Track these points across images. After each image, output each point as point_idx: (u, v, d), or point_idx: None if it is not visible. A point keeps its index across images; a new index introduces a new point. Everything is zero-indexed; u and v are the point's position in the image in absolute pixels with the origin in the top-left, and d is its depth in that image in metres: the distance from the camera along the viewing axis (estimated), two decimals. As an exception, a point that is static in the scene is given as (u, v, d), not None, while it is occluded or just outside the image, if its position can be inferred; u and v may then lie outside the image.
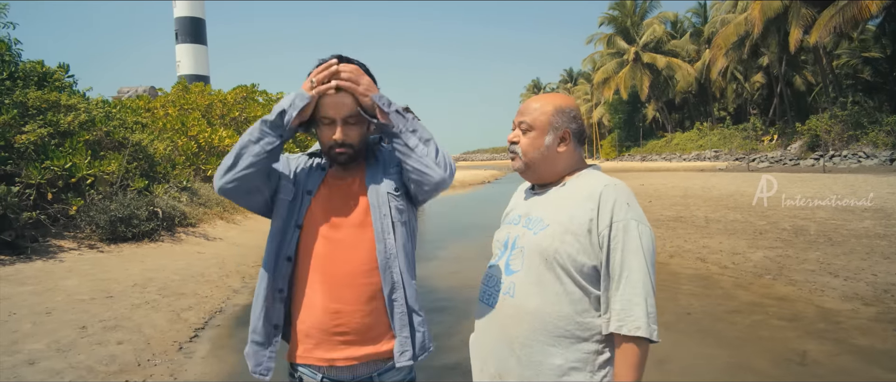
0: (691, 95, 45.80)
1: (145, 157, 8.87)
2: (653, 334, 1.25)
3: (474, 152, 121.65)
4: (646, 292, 1.25)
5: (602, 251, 1.28)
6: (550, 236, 1.32)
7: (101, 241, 6.97)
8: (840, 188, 12.56)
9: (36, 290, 4.85)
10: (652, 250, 1.29)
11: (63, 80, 8.53)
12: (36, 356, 3.46)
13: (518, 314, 1.34)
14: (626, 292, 1.26)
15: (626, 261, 1.26)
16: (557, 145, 1.40)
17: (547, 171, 1.42)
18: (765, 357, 3.63)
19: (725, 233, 8.31)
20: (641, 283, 1.25)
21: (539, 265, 1.33)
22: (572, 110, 1.41)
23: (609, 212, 1.28)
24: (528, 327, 1.32)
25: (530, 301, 1.32)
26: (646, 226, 1.30)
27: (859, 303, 4.65)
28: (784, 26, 27.99)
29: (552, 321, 1.30)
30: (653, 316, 1.25)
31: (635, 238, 1.27)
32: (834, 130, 27.43)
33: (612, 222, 1.28)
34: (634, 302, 1.25)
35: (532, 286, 1.33)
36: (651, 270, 1.28)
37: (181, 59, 31.40)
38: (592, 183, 1.36)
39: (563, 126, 1.40)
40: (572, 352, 1.30)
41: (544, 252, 1.32)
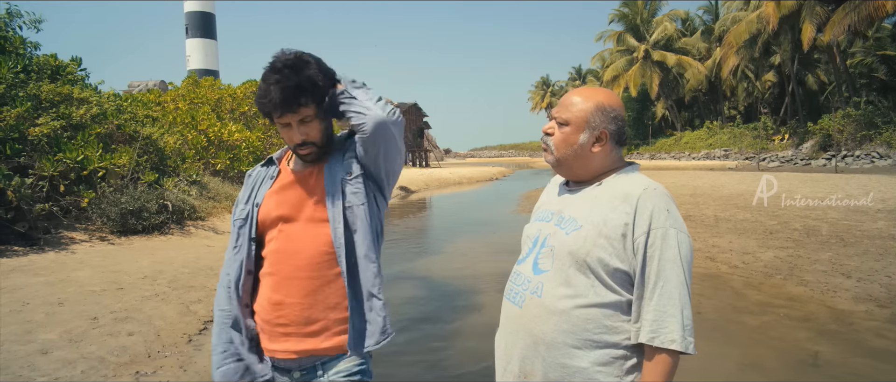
0: (701, 93, 45.41)
1: (156, 150, 8.94)
2: (688, 347, 1.21)
3: (482, 149, 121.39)
4: (682, 303, 1.21)
5: (636, 257, 1.23)
6: (583, 238, 1.28)
7: (111, 233, 7.04)
8: (852, 189, 12.41)
9: (49, 281, 4.91)
10: (690, 259, 1.25)
11: (76, 73, 8.60)
12: (49, 345, 3.50)
13: (544, 314, 1.31)
14: (660, 302, 1.21)
15: (663, 270, 1.21)
16: (592, 145, 1.34)
17: (580, 169, 1.38)
18: (776, 357, 3.60)
19: (735, 232, 8.24)
20: (678, 294, 1.21)
21: (569, 267, 1.29)
22: (613, 110, 1.34)
23: (647, 218, 1.23)
24: (554, 328, 1.29)
25: (558, 302, 1.29)
26: (685, 234, 1.25)
27: (873, 305, 4.59)
28: (797, 24, 27.65)
29: (580, 323, 1.27)
30: (689, 329, 1.21)
31: (674, 247, 1.22)
32: (847, 129, 27.11)
33: (650, 230, 1.23)
34: (669, 313, 1.20)
35: (560, 286, 1.30)
36: (688, 280, 1.23)
37: (191, 53, 31.58)
38: (630, 185, 1.30)
39: (600, 126, 1.33)
40: (599, 355, 1.26)
41: (575, 253, 1.28)
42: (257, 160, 12.16)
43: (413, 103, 42.74)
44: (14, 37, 8.00)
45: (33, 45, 8.42)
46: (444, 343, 4.07)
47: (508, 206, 14.44)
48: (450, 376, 3.48)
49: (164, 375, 3.29)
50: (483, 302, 5.16)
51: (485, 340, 4.27)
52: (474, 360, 3.66)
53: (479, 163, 61.41)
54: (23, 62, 7.61)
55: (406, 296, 5.38)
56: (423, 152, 43.50)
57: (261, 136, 13.29)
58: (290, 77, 1.34)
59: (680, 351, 1.20)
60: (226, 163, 11.46)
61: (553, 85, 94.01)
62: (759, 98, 41.37)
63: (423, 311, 4.88)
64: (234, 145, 11.86)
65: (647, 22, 45.19)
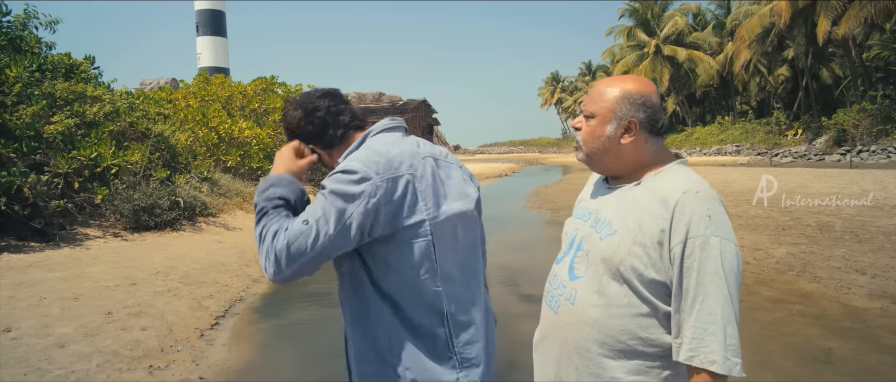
0: (713, 88, 44.92)
1: (167, 147, 9.04)
2: (733, 369, 1.10)
3: (491, 145, 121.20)
4: (725, 320, 1.10)
5: (673, 268, 1.13)
6: (617, 245, 1.19)
7: (125, 229, 7.14)
8: (857, 187, 12.22)
9: (64, 276, 4.99)
10: (736, 271, 1.13)
11: (89, 72, 8.72)
12: (65, 339, 3.56)
13: (578, 322, 1.25)
14: (700, 319, 1.10)
15: (703, 284, 1.10)
16: (621, 137, 1.23)
17: (612, 164, 1.28)
18: (788, 354, 3.56)
19: (747, 228, 8.16)
20: (720, 310, 1.10)
21: (602, 274, 1.22)
22: (641, 96, 1.22)
23: (685, 225, 1.12)
24: (586, 337, 1.23)
25: (591, 311, 1.22)
26: (730, 242, 1.13)
27: (888, 301, 4.52)
28: (811, 17, 27.22)
29: (613, 334, 1.20)
30: (733, 349, 1.11)
31: (715, 258, 1.10)
32: (862, 124, 26.67)
33: (687, 238, 1.11)
34: (709, 332, 1.10)
35: (593, 294, 1.23)
36: (733, 293, 1.12)
37: (202, 51, 31.83)
38: (670, 186, 1.18)
39: (628, 115, 1.22)
40: (632, 366, 1.20)
41: (608, 261, 1.20)
42: (267, 157, 12.24)
43: (422, 100, 42.76)
44: (30, 37, 8.12)
45: (48, 44, 8.56)
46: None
47: (518, 202, 14.41)
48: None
49: (177, 369, 3.34)
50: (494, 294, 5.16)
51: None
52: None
53: (488, 159, 61.28)
54: (38, 61, 7.72)
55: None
56: (431, 149, 43.45)
57: (271, 133, 13.38)
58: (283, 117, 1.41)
59: (721, 374, 1.09)
60: (236, 160, 11.56)
61: (563, 81, 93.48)
62: (772, 93, 40.81)
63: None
64: (244, 141, 11.96)
65: (658, 17, 44.75)
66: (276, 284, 1.24)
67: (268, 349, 3.81)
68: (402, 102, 43.88)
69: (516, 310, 4.77)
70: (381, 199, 1.18)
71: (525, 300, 5.04)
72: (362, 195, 1.17)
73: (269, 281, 5.82)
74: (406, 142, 1.32)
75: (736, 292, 1.13)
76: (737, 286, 1.13)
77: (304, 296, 5.25)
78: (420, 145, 1.34)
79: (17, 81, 6.86)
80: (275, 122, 13.92)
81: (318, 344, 3.88)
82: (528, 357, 1.46)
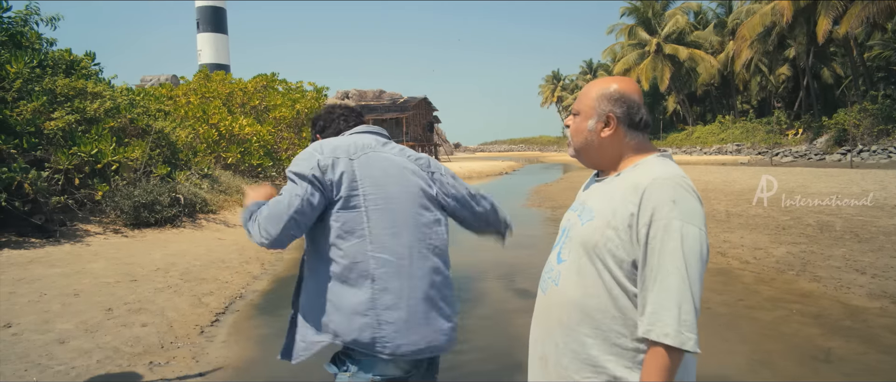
0: (713, 87, 44.87)
1: (168, 144, 9.03)
2: (684, 343, 1.17)
3: (492, 143, 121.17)
4: (680, 298, 1.17)
5: (639, 249, 1.22)
6: (593, 229, 1.30)
7: (125, 226, 7.14)
8: (856, 187, 12.22)
9: (65, 272, 4.99)
10: (697, 252, 1.20)
11: (89, 68, 8.71)
12: (65, 335, 3.57)
13: (560, 302, 1.35)
14: (658, 296, 1.19)
15: (663, 264, 1.18)
16: (601, 130, 1.35)
17: (596, 157, 1.39)
18: (787, 353, 3.57)
19: (747, 228, 8.16)
20: (676, 288, 1.18)
21: (581, 257, 1.32)
22: (618, 93, 1.34)
23: (650, 209, 1.21)
24: (567, 316, 1.33)
25: (571, 291, 1.33)
26: (693, 226, 1.20)
27: (888, 301, 4.53)
28: (813, 17, 27.17)
29: (590, 313, 1.29)
30: (687, 324, 1.17)
31: (676, 239, 1.18)
32: (863, 124, 26.64)
33: (652, 221, 1.20)
34: (665, 308, 1.18)
35: (574, 275, 1.33)
36: (692, 273, 1.19)
37: (202, 48, 31.80)
38: (643, 175, 1.28)
39: (606, 110, 1.34)
40: (609, 346, 1.28)
41: (586, 244, 1.31)
42: (268, 154, 12.25)
43: (423, 98, 42.73)
44: (30, 32, 8.11)
45: (49, 41, 8.54)
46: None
47: (519, 200, 14.40)
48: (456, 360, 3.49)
49: (177, 365, 3.34)
50: (486, 290, 5.20)
51: (486, 325, 4.29)
52: (475, 347, 3.67)
53: (488, 157, 61.28)
54: (39, 57, 7.72)
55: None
56: (433, 147, 43.50)
57: (271, 130, 13.37)
58: None
59: (674, 346, 1.17)
60: (237, 157, 11.56)
61: (563, 79, 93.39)
62: (773, 92, 40.77)
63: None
64: (244, 138, 11.95)
65: (659, 15, 44.69)
66: (270, 250, 1.58)
67: (268, 345, 3.82)
68: (403, 100, 43.83)
69: (512, 305, 4.78)
70: (326, 174, 1.46)
71: (521, 295, 5.05)
72: (313, 169, 1.46)
73: (268, 279, 5.83)
74: (360, 137, 1.61)
75: (696, 273, 1.20)
76: (698, 268, 1.20)
77: (304, 293, 5.26)
78: (371, 141, 1.61)
79: (18, 77, 6.85)
80: (275, 119, 13.91)
81: (318, 341, 3.89)
82: (522, 350, 1.55)
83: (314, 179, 1.45)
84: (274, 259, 6.74)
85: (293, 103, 14.32)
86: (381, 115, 40.92)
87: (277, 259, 6.76)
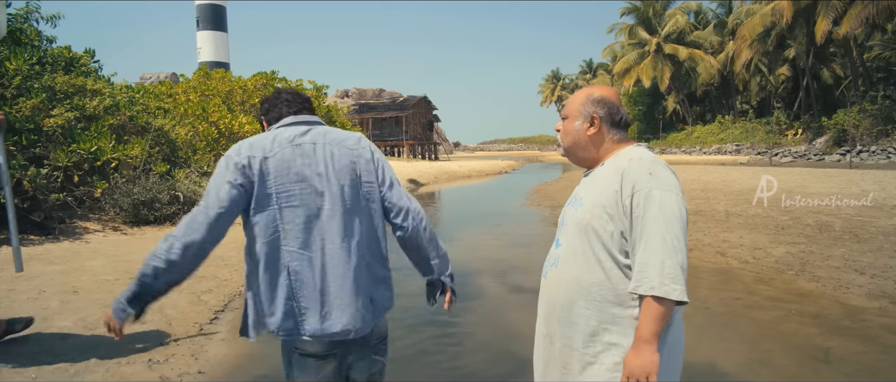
0: (713, 87, 44.87)
1: (167, 142, 9.02)
2: (669, 293, 1.29)
3: (491, 142, 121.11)
4: (663, 254, 1.31)
5: (626, 220, 1.38)
6: (584, 211, 1.47)
7: (124, 223, 7.14)
8: (857, 187, 12.23)
9: (64, 269, 4.99)
10: (676, 214, 1.35)
11: (89, 65, 8.69)
12: (65, 332, 3.56)
13: (558, 282, 1.51)
14: (643, 255, 1.33)
15: (646, 228, 1.34)
16: (587, 129, 1.54)
17: (583, 154, 1.57)
18: (786, 353, 3.57)
19: (746, 227, 8.16)
20: (658, 246, 1.32)
21: (575, 238, 1.48)
22: (600, 97, 1.54)
23: (631, 183, 1.38)
24: (566, 292, 1.48)
25: (568, 270, 1.48)
26: (669, 193, 1.36)
27: (887, 301, 4.53)
28: (813, 17, 27.19)
29: (586, 286, 1.44)
30: (670, 275, 1.30)
31: (655, 205, 1.34)
32: (862, 124, 26.67)
33: (634, 192, 1.37)
34: (649, 264, 1.31)
35: (570, 255, 1.49)
36: (673, 234, 1.33)
37: (202, 46, 31.76)
38: (622, 159, 1.47)
39: (590, 111, 1.54)
40: (606, 315, 1.42)
41: (579, 225, 1.47)
42: (267, 152, 12.22)
43: (423, 96, 42.70)
44: (30, 30, 8.09)
45: (49, 38, 8.52)
46: (451, 318, 4.09)
47: (518, 199, 14.41)
48: (454, 352, 3.49)
49: (176, 363, 3.34)
50: (484, 285, 5.24)
51: (484, 319, 4.29)
52: (472, 338, 3.67)
53: (488, 156, 61.26)
54: (38, 54, 7.70)
55: (416, 284, 5.40)
56: (432, 146, 43.47)
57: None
58: None
59: (660, 296, 1.29)
60: (236, 155, 11.54)
61: (563, 79, 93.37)
62: (773, 92, 40.78)
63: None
64: (244, 136, 11.94)
65: (659, 15, 44.67)
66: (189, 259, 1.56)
67: (266, 343, 3.82)
68: (403, 99, 43.79)
69: (507, 301, 4.78)
70: (241, 170, 1.53)
71: (517, 291, 5.05)
72: (230, 165, 1.54)
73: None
74: (279, 132, 1.63)
75: (678, 232, 1.34)
76: (679, 228, 1.35)
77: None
78: (295, 134, 1.63)
79: (17, 74, 6.84)
80: (275, 117, 13.90)
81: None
82: (519, 346, 1.67)
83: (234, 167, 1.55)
84: (273, 257, 6.73)
85: (293, 102, 14.30)
86: (380, 113, 40.88)
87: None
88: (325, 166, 1.59)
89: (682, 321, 1.52)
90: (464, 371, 3.37)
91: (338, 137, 1.66)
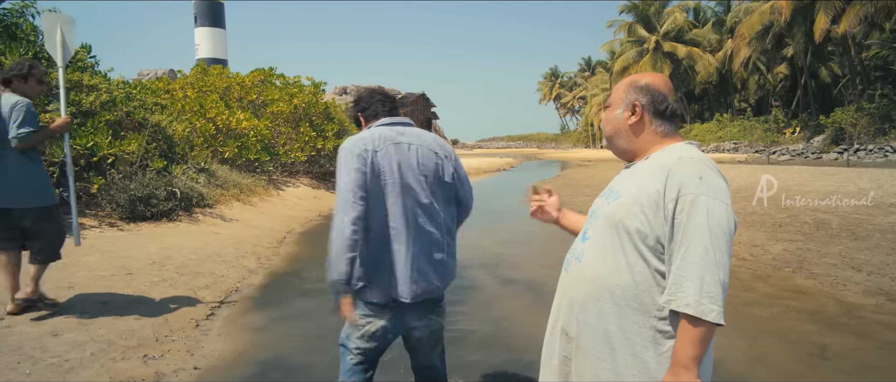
0: (712, 85, 44.91)
1: (164, 138, 8.98)
2: (705, 313, 1.17)
3: (490, 140, 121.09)
4: (703, 269, 1.19)
5: (667, 224, 1.25)
6: (619, 206, 1.35)
7: (121, 219, 7.10)
8: (855, 187, 12.24)
9: (59, 265, 4.95)
10: (723, 227, 1.22)
11: (85, 60, 8.64)
12: (59, 328, 3.54)
13: (580, 278, 1.41)
14: (681, 267, 1.21)
15: (687, 236, 1.21)
16: (628, 118, 1.43)
17: (625, 144, 1.46)
18: (784, 349, 3.57)
19: (744, 225, 8.17)
20: (700, 259, 1.19)
21: (604, 234, 1.36)
22: (644, 84, 1.42)
23: (677, 185, 1.25)
24: (585, 291, 1.38)
25: (591, 267, 1.38)
26: (718, 202, 1.23)
27: (884, 298, 4.54)
28: (811, 15, 27.20)
29: (609, 288, 1.33)
30: (709, 295, 1.18)
31: (702, 213, 1.21)
32: (860, 123, 26.72)
33: (679, 196, 1.24)
34: (687, 278, 1.20)
35: (596, 251, 1.38)
36: (718, 247, 1.20)
37: (200, 42, 31.63)
38: (669, 156, 1.33)
39: (632, 99, 1.43)
40: (627, 322, 1.30)
41: (610, 220, 1.36)
42: (265, 149, 12.19)
43: (421, 94, 42.65)
44: (25, 24, 8.03)
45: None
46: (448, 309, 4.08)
47: (516, 197, 14.40)
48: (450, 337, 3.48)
49: (172, 359, 3.32)
50: (478, 278, 5.25)
51: (479, 310, 4.29)
52: (469, 329, 3.66)
53: (486, 154, 61.22)
54: (34, 49, 7.65)
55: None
56: (430, 143, 43.38)
57: (269, 124, 13.32)
58: None
59: (695, 316, 1.18)
60: (234, 151, 11.50)
61: (562, 76, 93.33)
62: (771, 91, 40.83)
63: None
64: (242, 133, 11.89)
65: (658, 13, 44.65)
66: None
67: (263, 339, 3.80)
68: (401, 96, 43.74)
69: (495, 292, 4.77)
70: (361, 159, 1.90)
71: (511, 286, 5.04)
72: (354, 155, 1.91)
73: (264, 273, 5.81)
74: (381, 131, 2.00)
75: (724, 246, 1.21)
76: (723, 241, 1.21)
77: (299, 287, 5.24)
78: (396, 134, 2.01)
79: (13, 69, 6.78)
80: (273, 113, 13.85)
81: (312, 335, 3.87)
82: (507, 331, 1.65)
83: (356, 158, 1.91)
84: (270, 254, 6.72)
85: (291, 98, 14.24)
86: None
87: (273, 254, 6.74)
88: (418, 163, 1.97)
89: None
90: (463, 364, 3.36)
91: (427, 140, 2.06)
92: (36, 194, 3.56)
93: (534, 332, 3.57)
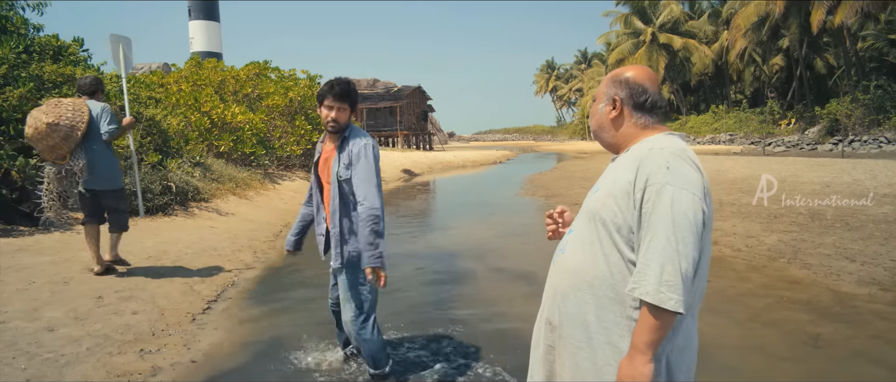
0: (707, 77, 44.94)
1: (159, 132, 8.93)
2: (663, 301, 1.19)
3: (486, 132, 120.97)
4: (664, 258, 1.21)
5: (636, 214, 1.28)
6: (596, 199, 1.39)
7: (116, 214, 7.06)
8: (855, 181, 12.28)
9: (54, 260, 4.94)
10: (689, 217, 1.22)
11: (78, 54, 8.56)
12: (55, 323, 3.53)
13: (563, 269, 1.45)
14: (645, 256, 1.23)
15: (652, 225, 1.24)
16: (609, 112, 1.46)
17: (609, 138, 1.49)
18: (778, 338, 3.60)
19: (739, 216, 8.21)
20: (661, 248, 1.21)
21: (584, 226, 1.41)
22: (624, 77, 1.44)
23: (645, 176, 1.27)
24: (567, 282, 1.42)
25: (572, 259, 1.42)
26: (685, 191, 1.24)
27: (876, 288, 4.57)
28: (806, 7, 27.20)
29: (588, 279, 1.36)
30: (669, 284, 1.19)
31: (666, 203, 1.23)
32: (855, 114, 26.81)
33: (647, 186, 1.26)
34: (650, 267, 1.22)
35: (577, 244, 1.42)
36: (681, 237, 1.21)
37: (194, 35, 31.38)
38: (643, 147, 1.36)
39: (612, 93, 1.46)
40: (606, 313, 1.34)
41: (589, 213, 1.40)
42: (260, 142, 12.14)
43: (417, 87, 42.49)
44: (16, 17, 7.95)
45: (36, 26, 8.37)
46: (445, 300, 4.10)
47: (512, 189, 14.41)
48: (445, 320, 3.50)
49: (168, 353, 3.32)
50: (473, 269, 5.30)
51: (471, 298, 4.31)
52: (464, 318, 3.68)
53: (483, 146, 61.19)
54: (25, 43, 7.57)
55: (409, 268, 5.41)
56: (427, 135, 43.35)
57: (264, 118, 13.25)
58: (345, 85, 2.70)
59: (654, 304, 1.20)
60: (229, 145, 11.45)
61: (558, 68, 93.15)
62: (766, 82, 40.89)
63: (424, 279, 4.90)
64: (237, 126, 11.84)
65: (654, 4, 44.54)
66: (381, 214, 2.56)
67: (259, 333, 3.81)
68: (397, 89, 43.57)
69: (486, 284, 4.79)
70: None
71: (507, 280, 5.06)
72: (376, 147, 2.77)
73: (261, 267, 5.81)
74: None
75: (688, 235, 1.22)
76: (689, 232, 1.22)
77: (295, 281, 5.24)
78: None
79: (3, 63, 6.72)
80: (268, 107, 13.78)
81: (309, 328, 3.87)
82: (501, 324, 1.62)
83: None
84: (266, 247, 6.71)
85: (286, 91, 14.16)
86: (374, 103, 40.66)
87: (270, 247, 6.73)
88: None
89: (696, 325, 1.42)
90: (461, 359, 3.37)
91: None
92: (114, 179, 4.57)
93: (528, 315, 3.58)
